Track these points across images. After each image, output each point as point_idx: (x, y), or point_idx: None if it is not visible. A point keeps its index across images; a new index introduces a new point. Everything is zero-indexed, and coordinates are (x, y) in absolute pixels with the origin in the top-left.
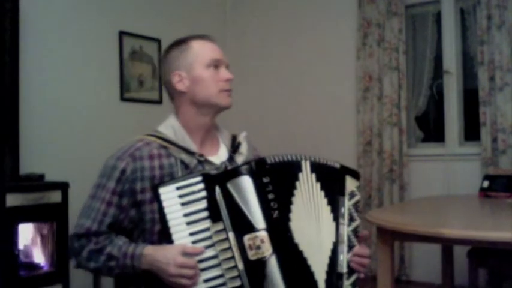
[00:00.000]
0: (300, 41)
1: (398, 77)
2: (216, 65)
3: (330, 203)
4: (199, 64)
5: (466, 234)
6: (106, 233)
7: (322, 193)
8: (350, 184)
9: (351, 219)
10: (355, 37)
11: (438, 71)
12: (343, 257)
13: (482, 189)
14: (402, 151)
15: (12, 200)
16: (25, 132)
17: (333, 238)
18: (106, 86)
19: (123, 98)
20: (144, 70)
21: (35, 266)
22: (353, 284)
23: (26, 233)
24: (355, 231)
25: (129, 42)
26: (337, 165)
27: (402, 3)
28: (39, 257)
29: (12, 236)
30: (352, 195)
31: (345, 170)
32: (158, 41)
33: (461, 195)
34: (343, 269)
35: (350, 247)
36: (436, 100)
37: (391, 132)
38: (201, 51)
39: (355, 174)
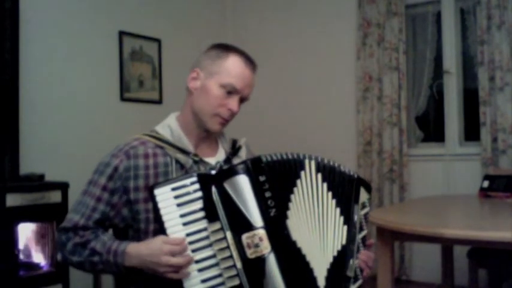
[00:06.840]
0: (300, 41)
1: (398, 77)
2: (230, 91)
3: (340, 206)
4: (217, 78)
5: (466, 234)
6: (93, 228)
7: (330, 194)
8: (363, 195)
9: (361, 228)
10: (355, 37)
11: (438, 71)
12: (353, 262)
13: (482, 189)
14: (402, 151)
15: (12, 200)
16: (25, 132)
17: (342, 240)
18: (106, 86)
19: (123, 98)
20: (144, 70)
21: (35, 266)
22: None
23: (26, 233)
24: (363, 240)
25: (129, 42)
26: (355, 175)
27: (402, 3)
28: (39, 257)
29: (12, 236)
30: (363, 206)
31: (361, 181)
32: (158, 41)
33: (461, 195)
34: (352, 272)
35: (358, 253)
36: (436, 100)
37: (391, 132)
38: (228, 70)
39: (368, 187)
